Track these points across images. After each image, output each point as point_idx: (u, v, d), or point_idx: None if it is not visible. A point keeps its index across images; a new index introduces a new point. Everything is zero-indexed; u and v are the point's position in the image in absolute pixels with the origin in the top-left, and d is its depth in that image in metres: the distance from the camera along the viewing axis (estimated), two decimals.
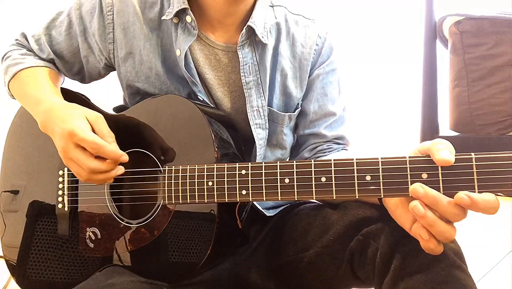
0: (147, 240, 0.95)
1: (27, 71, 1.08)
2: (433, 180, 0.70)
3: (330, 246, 0.91)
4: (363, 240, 0.85)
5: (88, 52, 1.10)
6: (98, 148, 0.87)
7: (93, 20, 1.06)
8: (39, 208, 1.07)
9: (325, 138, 1.12)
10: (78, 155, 0.88)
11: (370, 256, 0.84)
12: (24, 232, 1.07)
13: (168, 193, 0.92)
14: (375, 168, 0.74)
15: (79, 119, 0.90)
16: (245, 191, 0.85)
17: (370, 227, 0.85)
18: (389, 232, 0.81)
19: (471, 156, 0.67)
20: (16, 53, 1.11)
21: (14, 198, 1.10)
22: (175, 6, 1.00)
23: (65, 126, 0.88)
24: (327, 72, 1.10)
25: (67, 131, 0.88)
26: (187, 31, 1.01)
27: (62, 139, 0.89)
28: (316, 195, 0.79)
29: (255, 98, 1.03)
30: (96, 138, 0.88)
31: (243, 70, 1.02)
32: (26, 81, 1.06)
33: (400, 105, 3.14)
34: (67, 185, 1.04)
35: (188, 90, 1.05)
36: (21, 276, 1.07)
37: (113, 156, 0.89)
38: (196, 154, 0.92)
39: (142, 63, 1.05)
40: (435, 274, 0.75)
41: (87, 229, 1.01)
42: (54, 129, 0.92)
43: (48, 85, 1.05)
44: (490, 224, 2.53)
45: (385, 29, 3.17)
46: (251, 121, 1.04)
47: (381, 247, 0.81)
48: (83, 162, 0.88)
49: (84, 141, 0.87)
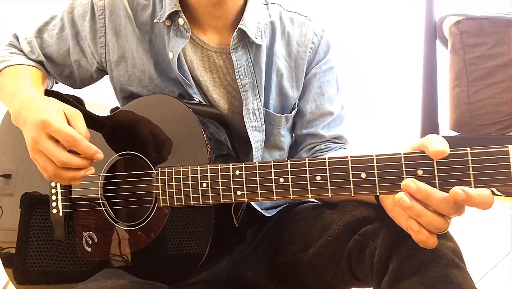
0: (144, 242, 0.94)
1: (12, 68, 1.07)
2: (428, 176, 0.69)
3: (329, 246, 0.90)
4: (361, 240, 0.84)
5: (80, 56, 1.09)
6: (73, 141, 0.82)
7: (85, 23, 1.06)
8: (33, 213, 1.06)
9: (323, 139, 1.10)
10: (50, 146, 0.82)
11: (368, 256, 0.83)
12: (18, 240, 1.06)
13: (163, 195, 0.91)
14: (370, 165, 0.73)
15: (55, 110, 0.85)
16: (240, 192, 0.84)
17: (367, 226, 0.84)
18: (387, 232, 0.80)
19: (467, 150, 0.67)
20: (5, 52, 1.11)
21: (6, 201, 1.09)
22: (167, 8, 0.99)
23: (38, 116, 0.82)
24: (324, 71, 1.09)
25: (40, 120, 0.82)
26: (179, 33, 1.00)
27: (34, 129, 0.83)
28: (312, 194, 0.78)
29: (251, 101, 1.02)
30: (72, 131, 0.82)
31: (238, 72, 1.01)
32: (9, 77, 1.05)
33: (400, 105, 3.14)
34: (61, 190, 1.03)
35: (183, 93, 1.04)
36: (19, 281, 1.06)
37: (88, 151, 0.83)
38: (188, 154, 0.91)
39: (135, 67, 1.04)
40: (433, 273, 0.74)
41: (83, 233, 1.01)
42: (26, 120, 0.86)
43: (29, 80, 1.02)
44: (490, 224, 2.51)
45: (385, 29, 3.17)
46: (247, 124, 1.02)
47: (378, 247, 0.80)
48: (54, 153, 0.82)
49: (59, 132, 0.81)
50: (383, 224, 0.82)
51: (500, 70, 1.39)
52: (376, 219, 0.84)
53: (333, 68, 1.11)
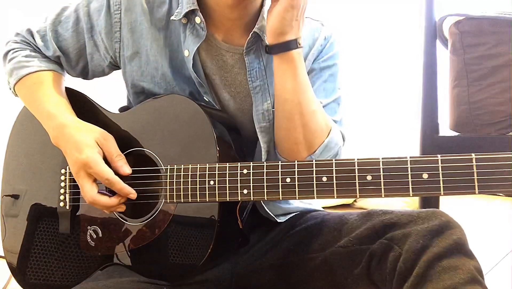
0: (148, 239, 0.95)
1: (33, 76, 1.07)
2: (434, 179, 0.70)
3: (350, 246, 0.93)
4: (387, 243, 0.87)
5: (94, 50, 1.09)
6: (110, 184, 0.94)
7: (100, 18, 1.05)
8: (40, 207, 1.07)
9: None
10: (84, 184, 0.95)
11: (391, 260, 0.85)
12: (26, 231, 1.08)
13: (170, 192, 0.92)
14: (376, 168, 0.75)
15: (90, 147, 0.95)
16: (247, 190, 0.85)
17: (396, 232, 0.87)
18: (415, 239, 0.83)
19: (472, 156, 0.68)
20: (21, 55, 1.10)
21: (15, 202, 1.10)
22: (184, 6, 1.00)
23: (79, 156, 0.94)
24: (321, 68, 1.09)
25: (80, 161, 0.94)
26: (195, 32, 1.01)
27: (75, 165, 0.96)
28: (317, 194, 0.79)
29: (261, 102, 1.03)
30: (109, 173, 0.93)
31: (250, 75, 1.02)
32: (34, 88, 1.06)
33: (400, 105, 3.15)
34: (69, 184, 1.04)
35: (193, 91, 1.04)
36: (22, 275, 1.07)
37: (122, 191, 0.95)
38: (198, 153, 0.93)
39: (149, 63, 1.05)
40: (456, 283, 0.77)
41: (88, 227, 1.02)
42: (67, 152, 0.98)
43: (56, 96, 1.05)
44: (490, 224, 2.53)
45: (385, 29, 3.18)
46: (256, 124, 1.03)
47: (405, 253, 0.83)
48: (86, 192, 0.95)
49: (97, 174, 0.94)
50: (412, 231, 0.85)
51: (500, 70, 1.40)
52: (405, 226, 0.87)
53: (331, 67, 1.10)
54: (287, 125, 0.97)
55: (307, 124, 0.95)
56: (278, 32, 0.92)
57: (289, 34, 0.92)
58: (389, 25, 3.14)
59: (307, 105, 0.95)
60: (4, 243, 1.11)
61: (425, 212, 0.88)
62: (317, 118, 0.96)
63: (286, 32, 0.92)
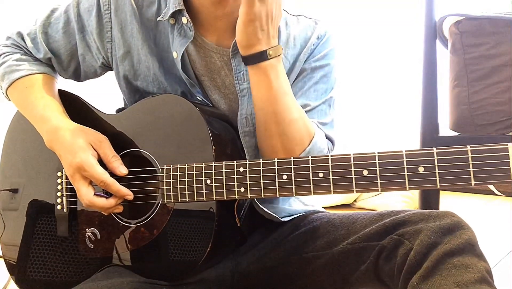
0: (146, 239, 0.95)
1: (25, 80, 1.07)
2: (429, 172, 0.70)
3: (358, 243, 0.92)
4: (398, 239, 0.87)
5: (86, 51, 1.09)
6: (106, 186, 0.94)
7: (91, 18, 1.05)
8: (38, 208, 1.07)
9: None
10: (80, 187, 0.95)
11: (401, 253, 0.85)
12: (24, 232, 1.08)
13: (167, 192, 0.92)
14: (372, 162, 0.74)
15: (84, 150, 0.95)
16: (244, 188, 0.85)
17: (408, 228, 0.87)
18: (426, 234, 0.83)
19: (467, 148, 0.68)
20: (12, 59, 1.09)
21: (13, 196, 1.10)
22: (171, 6, 0.99)
23: (73, 159, 0.94)
24: (313, 68, 1.06)
25: (75, 164, 0.94)
26: (183, 32, 1.00)
27: (70, 169, 0.96)
28: (314, 191, 0.79)
29: (246, 106, 1.01)
30: (104, 176, 0.93)
31: (236, 77, 1.01)
32: (26, 92, 1.06)
33: (400, 105, 3.14)
34: (66, 186, 1.04)
35: (185, 91, 1.04)
36: (21, 276, 1.07)
37: (118, 193, 0.95)
38: (194, 152, 0.93)
39: (140, 62, 1.05)
40: (467, 281, 0.77)
41: (87, 229, 1.02)
42: (61, 156, 0.98)
43: (49, 99, 1.05)
44: (490, 224, 2.52)
45: (385, 29, 3.17)
46: (239, 129, 1.02)
47: (416, 246, 0.83)
48: (82, 195, 0.95)
49: (92, 177, 0.94)
50: (424, 228, 0.84)
51: (500, 70, 1.40)
52: (417, 223, 0.86)
53: (325, 67, 1.07)
54: (264, 134, 0.97)
55: (284, 133, 0.94)
56: (243, 45, 0.91)
57: (257, 45, 0.90)
58: (389, 25, 3.13)
59: (283, 114, 0.94)
60: (2, 241, 1.11)
61: (437, 212, 0.88)
62: (296, 127, 0.95)
63: (253, 44, 0.90)
